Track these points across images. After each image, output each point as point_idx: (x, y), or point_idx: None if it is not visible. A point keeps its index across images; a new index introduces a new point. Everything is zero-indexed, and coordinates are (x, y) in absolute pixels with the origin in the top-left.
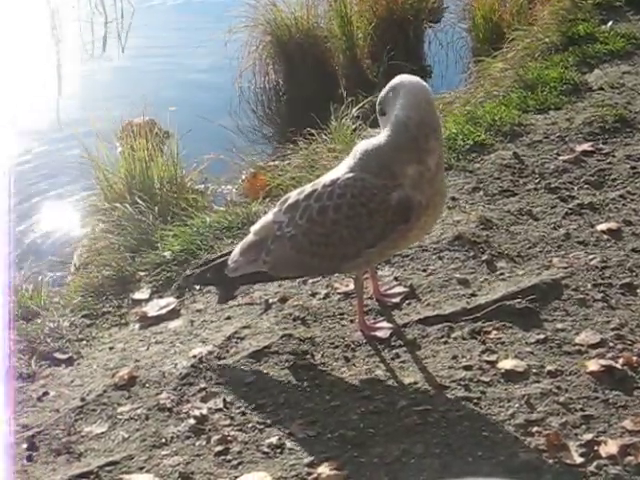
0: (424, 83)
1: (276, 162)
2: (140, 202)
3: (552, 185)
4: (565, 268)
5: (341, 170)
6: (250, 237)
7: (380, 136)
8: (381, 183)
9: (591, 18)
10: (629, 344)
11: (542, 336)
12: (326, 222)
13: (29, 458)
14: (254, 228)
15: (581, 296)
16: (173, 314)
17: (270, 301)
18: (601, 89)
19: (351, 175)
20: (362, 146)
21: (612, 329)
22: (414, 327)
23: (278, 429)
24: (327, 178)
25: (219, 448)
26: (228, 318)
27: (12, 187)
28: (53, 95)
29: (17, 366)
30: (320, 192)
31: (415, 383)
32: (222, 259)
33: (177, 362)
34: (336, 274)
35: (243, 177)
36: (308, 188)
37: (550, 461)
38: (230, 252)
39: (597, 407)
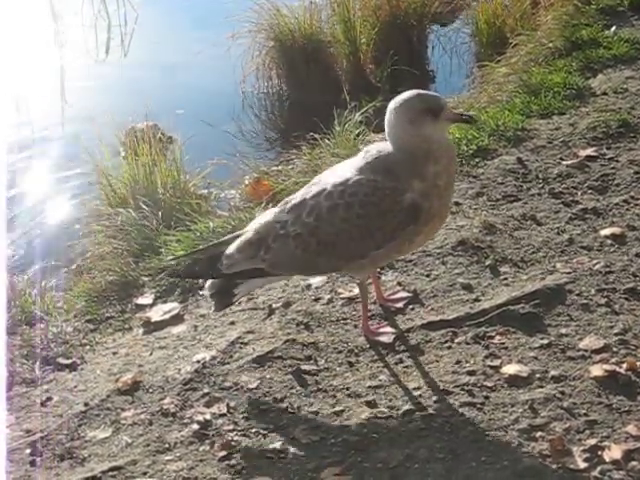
0: None
1: (279, 167)
2: (144, 207)
3: (556, 190)
4: (569, 273)
5: (350, 170)
6: (249, 235)
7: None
8: (392, 185)
9: (594, 23)
10: (633, 349)
11: (546, 341)
12: (335, 220)
13: (33, 463)
14: (253, 226)
15: (585, 301)
16: (177, 319)
17: (273, 306)
18: (605, 94)
19: (362, 176)
20: (373, 149)
21: (616, 334)
22: (418, 332)
23: (281, 434)
24: (334, 178)
25: (223, 453)
26: (232, 323)
27: (15, 192)
28: (56, 100)
29: (21, 371)
30: (330, 191)
31: (419, 388)
32: (211, 253)
33: (181, 367)
34: (337, 275)
35: (246, 182)
36: (314, 188)
37: (554, 466)
38: (216, 244)
39: (601, 412)
